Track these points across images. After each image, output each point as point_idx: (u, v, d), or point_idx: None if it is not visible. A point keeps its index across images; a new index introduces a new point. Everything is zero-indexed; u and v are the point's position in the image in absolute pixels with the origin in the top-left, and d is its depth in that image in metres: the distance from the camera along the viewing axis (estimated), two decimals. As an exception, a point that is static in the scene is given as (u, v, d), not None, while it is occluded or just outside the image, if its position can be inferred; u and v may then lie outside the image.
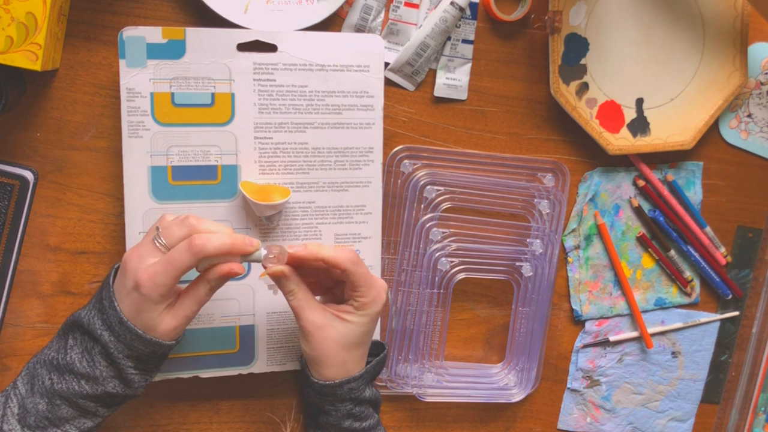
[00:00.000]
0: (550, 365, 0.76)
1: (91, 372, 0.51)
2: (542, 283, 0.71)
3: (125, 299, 0.51)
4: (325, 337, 0.56)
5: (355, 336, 0.57)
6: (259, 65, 0.60)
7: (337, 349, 0.56)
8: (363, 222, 0.64)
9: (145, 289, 0.50)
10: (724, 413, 0.82)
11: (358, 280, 0.56)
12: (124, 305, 0.51)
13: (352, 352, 0.57)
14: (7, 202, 0.60)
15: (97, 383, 0.51)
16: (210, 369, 0.63)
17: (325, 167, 0.63)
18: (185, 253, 0.49)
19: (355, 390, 0.58)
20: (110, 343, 0.51)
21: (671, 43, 0.72)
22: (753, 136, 0.77)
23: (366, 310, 0.57)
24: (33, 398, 0.51)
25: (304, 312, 0.55)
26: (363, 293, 0.56)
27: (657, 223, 0.75)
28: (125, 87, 0.58)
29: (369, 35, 0.63)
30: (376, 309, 0.57)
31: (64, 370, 0.51)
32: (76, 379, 0.51)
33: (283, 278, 0.55)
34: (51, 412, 0.51)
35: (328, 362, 0.57)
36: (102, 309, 0.52)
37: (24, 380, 0.53)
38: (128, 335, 0.51)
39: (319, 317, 0.56)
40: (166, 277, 0.50)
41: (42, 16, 0.53)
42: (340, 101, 0.62)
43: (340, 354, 0.57)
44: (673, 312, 0.78)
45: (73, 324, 0.53)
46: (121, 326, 0.51)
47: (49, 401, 0.51)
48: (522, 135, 0.71)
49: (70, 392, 0.51)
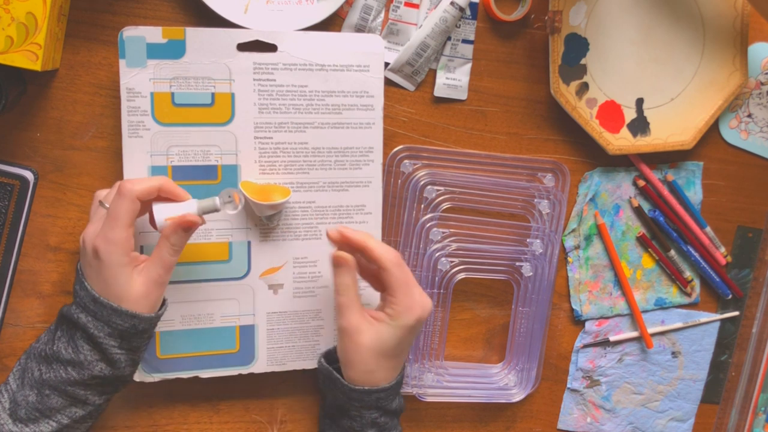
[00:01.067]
0: (550, 365, 0.76)
1: (75, 357, 0.51)
2: (542, 283, 0.71)
3: (93, 276, 0.52)
4: (358, 342, 0.56)
5: (385, 346, 0.56)
6: (259, 65, 0.60)
7: (367, 355, 0.56)
8: (363, 222, 0.64)
9: (103, 251, 0.50)
10: (724, 413, 0.82)
11: (395, 283, 0.55)
12: (94, 282, 0.52)
13: (381, 361, 0.57)
14: (7, 202, 0.60)
15: (83, 368, 0.51)
16: (210, 369, 0.63)
17: (325, 167, 0.63)
18: (118, 200, 0.51)
19: (383, 399, 0.58)
20: (88, 324, 0.51)
21: (671, 43, 0.72)
22: (753, 136, 0.77)
23: (398, 320, 0.56)
24: (23, 391, 0.51)
25: (348, 311, 0.56)
26: (397, 300, 0.56)
27: (657, 223, 0.75)
28: (125, 87, 0.58)
29: (369, 35, 0.63)
30: (408, 321, 0.56)
31: (52, 359, 0.52)
32: (63, 367, 0.51)
33: (345, 267, 0.55)
34: (41, 402, 0.51)
35: (356, 367, 0.56)
36: (75, 293, 0.53)
37: (15, 376, 0.53)
38: (103, 311, 0.51)
39: (358, 320, 0.56)
40: (113, 231, 0.50)
41: (42, 16, 0.53)
42: (340, 101, 0.62)
43: (369, 361, 0.56)
44: (673, 312, 0.78)
45: (60, 317, 0.54)
46: (94, 304, 0.51)
47: (38, 392, 0.51)
48: (522, 135, 0.71)
49: (58, 380, 0.51)
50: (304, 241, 0.63)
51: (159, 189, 0.53)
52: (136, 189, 0.51)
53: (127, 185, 0.51)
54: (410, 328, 0.56)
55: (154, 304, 0.54)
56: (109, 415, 0.65)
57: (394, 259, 0.56)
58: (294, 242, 0.63)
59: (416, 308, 0.56)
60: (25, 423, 0.51)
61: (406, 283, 0.56)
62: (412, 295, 0.56)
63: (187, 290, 0.61)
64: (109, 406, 0.64)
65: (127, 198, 0.51)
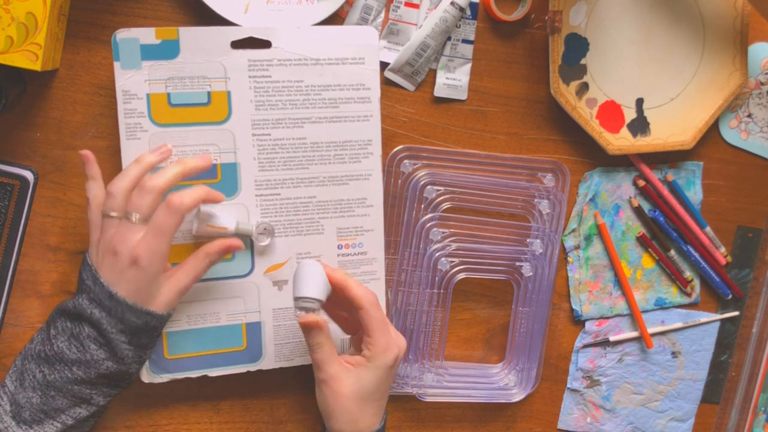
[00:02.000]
0: (550, 365, 0.76)
1: (82, 357, 0.51)
2: (542, 283, 0.71)
3: (120, 282, 0.52)
4: (339, 392, 0.55)
5: (366, 390, 0.55)
6: (254, 62, 0.60)
7: (350, 403, 0.55)
8: (365, 215, 0.64)
9: (144, 261, 0.51)
10: (724, 413, 0.82)
11: (373, 323, 0.55)
12: (121, 288, 0.52)
13: (364, 408, 0.56)
14: (7, 202, 0.60)
15: (90, 367, 0.52)
16: (218, 367, 0.63)
17: (325, 161, 0.63)
18: (168, 215, 0.52)
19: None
20: (102, 320, 0.51)
21: (671, 43, 0.72)
22: (753, 136, 0.77)
23: (377, 361, 0.55)
24: (25, 393, 0.51)
25: (326, 364, 0.55)
26: (374, 341, 0.55)
27: (657, 223, 0.75)
28: (121, 89, 0.58)
29: (362, 27, 0.63)
30: (387, 361, 0.55)
31: (54, 360, 0.52)
32: (67, 367, 0.51)
33: (316, 329, 0.54)
34: (45, 404, 0.51)
35: (339, 417, 0.55)
36: (86, 289, 0.53)
37: (12, 378, 0.53)
38: (119, 308, 0.51)
39: (336, 369, 0.55)
40: (159, 244, 0.52)
41: (42, 16, 0.53)
42: (336, 95, 0.62)
43: (352, 409, 0.55)
44: (673, 312, 0.78)
45: (57, 314, 0.54)
46: (110, 300, 0.51)
47: (42, 393, 0.51)
48: (522, 135, 0.71)
49: (64, 380, 0.51)
50: (306, 236, 0.63)
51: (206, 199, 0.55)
52: (186, 205, 0.53)
53: (176, 201, 0.52)
54: (389, 368, 0.56)
55: (172, 307, 0.56)
56: (109, 415, 0.65)
57: (372, 299, 0.55)
58: (296, 238, 0.63)
59: (393, 347, 0.56)
60: (29, 425, 0.51)
61: (383, 322, 0.56)
62: (388, 334, 0.56)
63: (193, 290, 0.61)
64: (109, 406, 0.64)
65: (177, 215, 0.52)
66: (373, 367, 0.55)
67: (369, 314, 0.55)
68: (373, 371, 0.55)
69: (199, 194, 0.54)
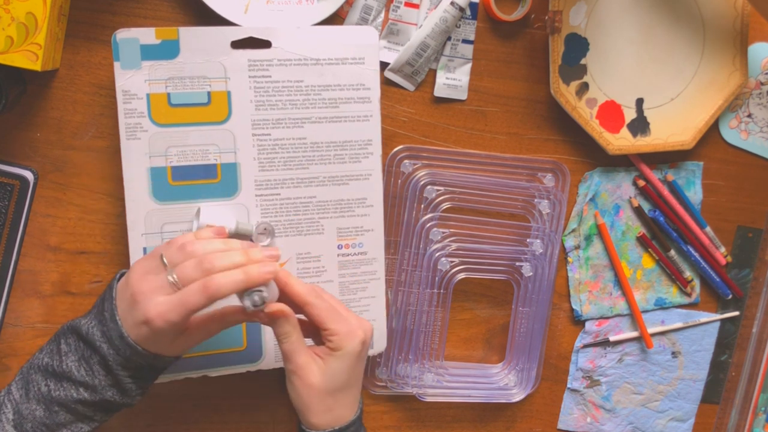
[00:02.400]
0: (550, 365, 0.76)
1: (90, 381, 0.51)
2: (542, 283, 0.71)
3: (133, 329, 0.50)
4: (310, 383, 0.53)
5: (336, 380, 0.54)
6: (254, 62, 0.60)
7: (323, 395, 0.53)
8: (365, 215, 0.64)
9: (155, 326, 0.49)
10: (724, 413, 0.82)
11: (322, 315, 0.53)
12: (133, 333, 0.50)
13: (338, 397, 0.54)
14: (7, 202, 0.60)
15: (96, 391, 0.51)
16: (218, 367, 0.63)
17: (325, 161, 0.63)
18: (199, 294, 0.48)
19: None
20: (109, 356, 0.50)
21: (671, 43, 0.72)
22: (753, 136, 0.77)
23: (342, 349, 0.53)
24: (29, 404, 0.51)
25: (294, 354, 0.53)
26: (332, 329, 0.53)
27: (657, 223, 0.75)
28: (121, 89, 0.58)
29: (362, 27, 0.63)
30: (353, 347, 0.53)
31: (62, 377, 0.51)
32: (74, 387, 0.51)
33: (282, 318, 0.52)
34: (49, 418, 0.51)
35: (314, 408, 0.54)
36: (103, 321, 0.51)
37: (18, 385, 0.52)
38: (128, 350, 0.50)
39: (305, 360, 0.53)
40: (177, 316, 0.48)
41: (42, 16, 0.53)
42: (336, 95, 0.62)
43: (326, 399, 0.54)
44: (673, 312, 0.78)
45: (70, 330, 0.52)
46: (121, 341, 0.50)
47: (46, 407, 0.51)
48: (522, 135, 0.71)
49: (69, 399, 0.51)
50: (306, 236, 0.63)
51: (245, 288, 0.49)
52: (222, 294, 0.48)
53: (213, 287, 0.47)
54: (357, 354, 0.54)
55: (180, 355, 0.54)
56: (109, 415, 0.65)
57: (310, 291, 0.53)
58: (296, 238, 0.63)
59: (357, 332, 0.54)
60: None
61: (333, 310, 0.54)
62: (346, 320, 0.54)
63: None
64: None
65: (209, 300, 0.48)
66: (340, 355, 0.53)
67: (315, 307, 0.53)
68: (341, 360, 0.53)
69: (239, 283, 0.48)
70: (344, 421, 0.55)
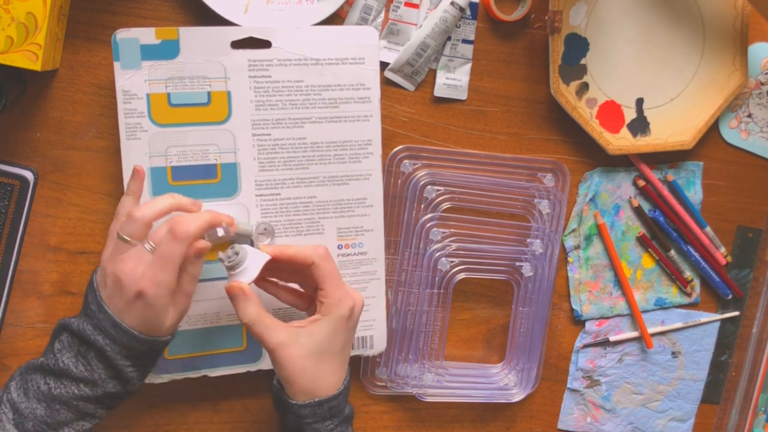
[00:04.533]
0: (550, 365, 0.76)
1: (89, 375, 0.51)
2: (542, 283, 0.71)
3: (126, 313, 0.50)
4: (292, 355, 0.53)
5: (322, 345, 0.54)
6: (254, 62, 0.60)
7: (306, 364, 0.54)
8: (365, 215, 0.64)
9: (152, 295, 0.49)
10: (724, 413, 0.82)
11: (323, 276, 0.54)
12: (127, 318, 0.50)
13: (322, 365, 0.54)
14: (7, 202, 0.60)
15: (97, 385, 0.51)
16: (218, 368, 0.63)
17: (325, 161, 0.63)
18: (173, 244, 0.50)
19: (335, 408, 0.55)
20: (106, 347, 0.50)
21: (671, 43, 0.72)
22: (753, 136, 0.77)
23: (332, 313, 0.54)
24: (29, 403, 0.51)
25: (270, 332, 0.53)
26: (328, 293, 0.54)
27: (657, 223, 0.75)
28: (121, 89, 0.58)
29: (362, 27, 0.63)
30: (342, 312, 0.54)
31: (60, 375, 0.51)
32: (74, 383, 0.51)
33: (241, 296, 0.53)
34: (50, 416, 0.51)
35: (299, 380, 0.54)
36: (91, 315, 0.51)
37: (17, 384, 0.52)
38: (124, 336, 0.51)
39: (283, 335, 0.53)
40: (165, 274, 0.50)
41: (42, 16, 0.53)
42: (336, 95, 0.62)
43: (310, 369, 0.54)
44: (673, 312, 0.78)
45: (62, 328, 0.53)
46: (116, 329, 0.50)
47: (47, 406, 0.51)
48: (522, 135, 0.71)
49: (70, 396, 0.51)
50: (306, 236, 0.63)
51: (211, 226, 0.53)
52: (192, 233, 0.50)
53: (181, 229, 0.50)
54: (345, 319, 0.55)
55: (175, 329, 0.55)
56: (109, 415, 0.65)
57: (322, 253, 0.55)
58: (296, 238, 0.63)
59: (348, 299, 0.55)
60: None
61: (335, 275, 0.55)
62: (342, 287, 0.55)
63: None
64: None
65: (183, 243, 0.50)
66: (329, 318, 0.54)
67: (320, 268, 0.54)
68: (328, 323, 0.54)
69: (206, 220, 0.52)
70: (330, 392, 0.55)
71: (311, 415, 0.55)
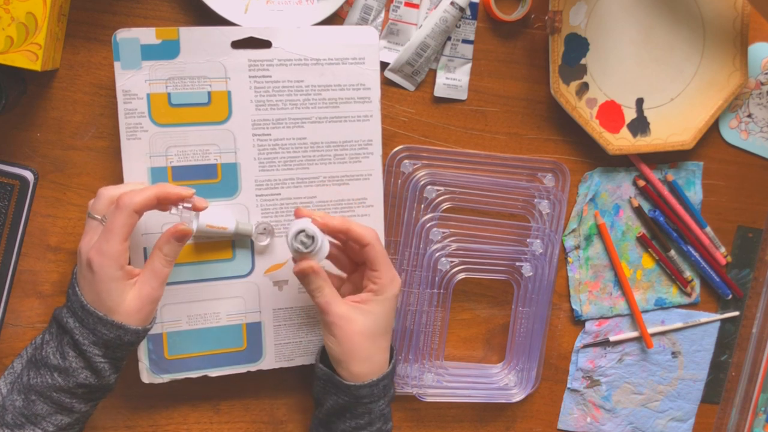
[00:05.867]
0: (550, 365, 0.76)
1: (62, 363, 0.51)
2: (542, 283, 0.71)
3: (85, 286, 0.52)
4: (352, 331, 0.55)
5: (378, 324, 0.57)
6: (254, 62, 0.60)
7: (364, 341, 0.56)
8: (365, 215, 0.64)
9: (96, 264, 0.50)
10: (724, 413, 0.82)
11: (378, 257, 0.56)
12: (86, 292, 0.52)
13: (377, 343, 0.57)
14: (7, 202, 0.60)
15: (68, 374, 0.51)
16: (218, 368, 0.63)
17: (325, 161, 0.63)
18: (116, 212, 0.51)
19: (388, 386, 0.58)
20: (75, 329, 0.51)
21: (671, 43, 0.72)
22: (753, 136, 0.77)
23: (385, 294, 0.57)
24: (11, 396, 0.51)
25: (331, 307, 0.55)
26: (381, 274, 0.56)
27: (657, 223, 0.75)
28: (121, 89, 0.58)
29: (362, 27, 0.63)
30: (394, 291, 0.57)
31: (40, 364, 0.52)
32: (49, 372, 0.51)
33: (312, 274, 0.55)
34: (27, 408, 0.51)
35: (357, 356, 0.56)
36: (68, 297, 0.53)
37: (6, 380, 0.53)
38: (90, 319, 0.51)
39: (345, 310, 0.56)
40: (109, 245, 0.50)
41: (42, 16, 0.53)
42: (336, 95, 0.62)
43: (366, 346, 0.56)
44: (673, 312, 0.78)
45: (52, 319, 0.54)
46: (83, 311, 0.51)
47: (25, 397, 0.51)
48: (522, 135, 0.71)
49: (44, 386, 0.51)
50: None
51: (157, 198, 0.52)
52: (135, 202, 0.51)
53: (125, 198, 0.51)
54: (395, 299, 0.58)
55: (146, 318, 0.54)
56: (110, 415, 0.65)
57: (375, 235, 0.57)
58: None
59: (398, 280, 0.58)
60: (11, 429, 0.51)
61: (386, 256, 0.57)
62: (392, 268, 0.58)
63: (193, 290, 0.61)
64: (110, 406, 0.65)
65: (125, 212, 0.51)
66: (382, 299, 0.57)
67: (375, 249, 0.56)
68: (382, 303, 0.57)
69: (151, 193, 0.52)
70: (383, 371, 0.58)
71: (368, 396, 0.57)
